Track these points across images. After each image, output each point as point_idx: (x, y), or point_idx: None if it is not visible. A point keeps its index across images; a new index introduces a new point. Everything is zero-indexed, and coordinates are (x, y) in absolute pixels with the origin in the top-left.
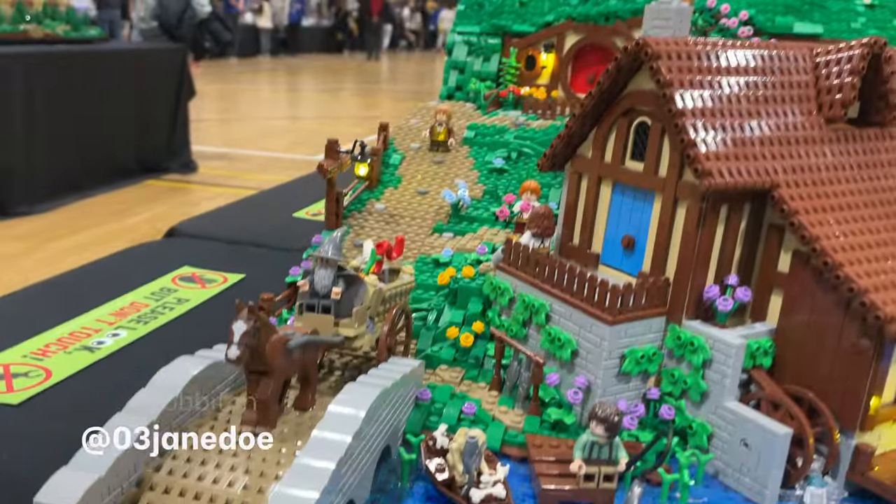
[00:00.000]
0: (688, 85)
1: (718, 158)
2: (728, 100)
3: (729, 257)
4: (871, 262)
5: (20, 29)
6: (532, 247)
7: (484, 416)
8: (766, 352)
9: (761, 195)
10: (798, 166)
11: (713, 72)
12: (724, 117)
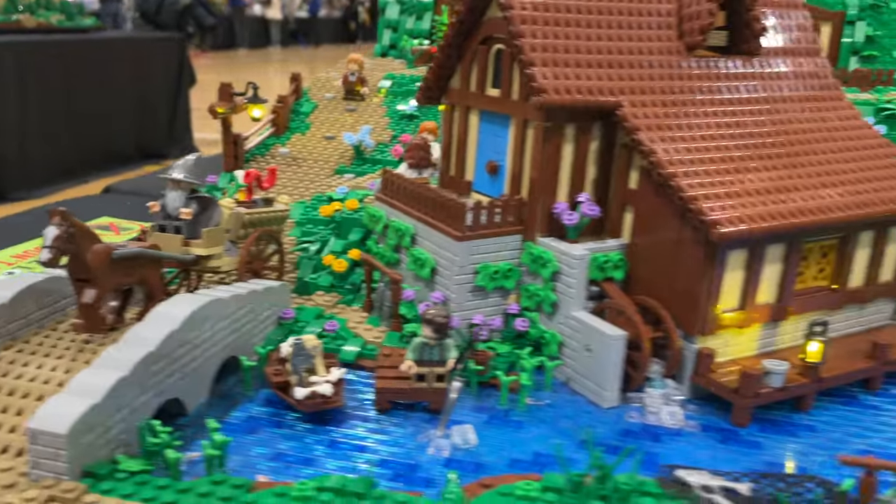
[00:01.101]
0: (531, 8)
1: (557, 77)
2: (577, 24)
3: (581, 176)
4: (709, 175)
5: (12, 19)
6: (409, 176)
7: (346, 332)
8: (617, 265)
9: (611, 116)
10: (647, 88)
11: None
12: (570, 39)
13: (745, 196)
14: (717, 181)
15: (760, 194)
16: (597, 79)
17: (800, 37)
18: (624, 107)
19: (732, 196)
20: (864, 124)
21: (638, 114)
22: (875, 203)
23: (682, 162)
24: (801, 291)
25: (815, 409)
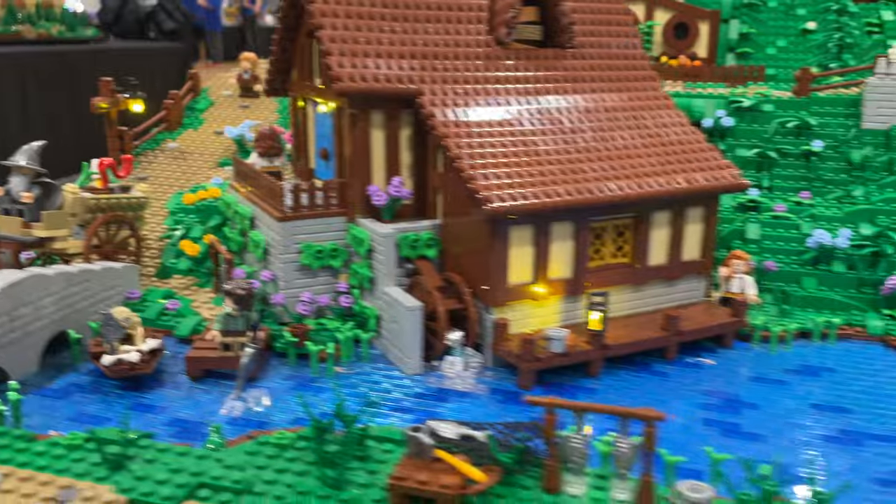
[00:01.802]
0: (333, 2)
1: (355, 67)
2: (382, 17)
3: (396, 161)
4: (496, 157)
5: (12, 30)
6: (260, 165)
7: (186, 311)
8: (429, 243)
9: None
10: (451, 78)
11: None
12: (373, 31)
13: (528, 177)
14: (503, 162)
15: (543, 175)
16: (398, 69)
17: (618, 31)
18: (424, 94)
19: (513, 176)
20: (676, 114)
21: (437, 101)
22: (658, 185)
23: (472, 146)
24: (601, 268)
25: (604, 375)
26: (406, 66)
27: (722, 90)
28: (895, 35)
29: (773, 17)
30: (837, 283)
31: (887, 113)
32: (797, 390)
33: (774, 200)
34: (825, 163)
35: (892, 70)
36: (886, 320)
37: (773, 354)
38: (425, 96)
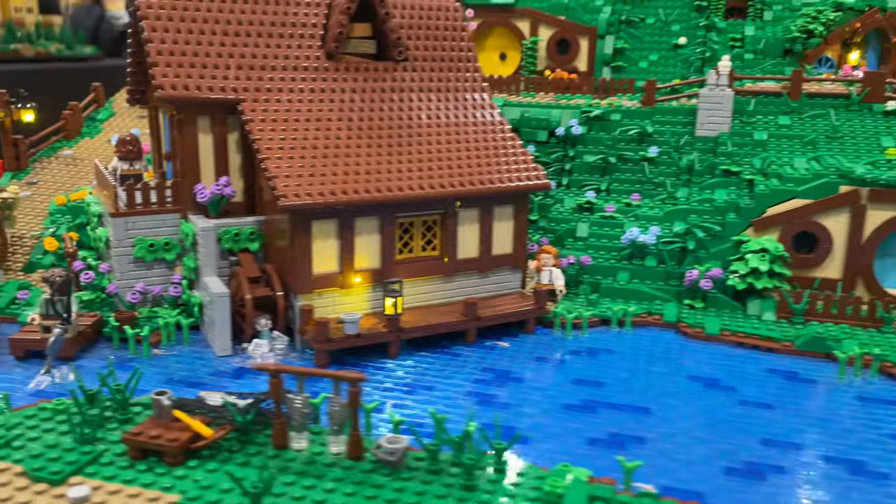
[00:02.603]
0: (165, 18)
1: (178, 77)
2: (213, 32)
3: (225, 162)
4: (305, 158)
5: (11, 48)
6: (121, 169)
7: (34, 300)
8: (251, 238)
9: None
10: (276, 87)
11: (198, 12)
12: (202, 45)
13: (331, 175)
14: (309, 163)
15: (347, 174)
16: (222, 78)
17: (452, 45)
18: (245, 102)
19: (316, 175)
20: (499, 121)
21: (257, 108)
22: (461, 185)
23: (283, 148)
24: (411, 260)
25: (404, 355)
26: (232, 76)
27: (580, 101)
28: (758, 47)
29: (649, 34)
30: (648, 276)
31: (716, 122)
32: (568, 368)
33: (608, 202)
34: (659, 167)
35: (722, 82)
36: (684, 309)
37: (568, 339)
38: (246, 103)
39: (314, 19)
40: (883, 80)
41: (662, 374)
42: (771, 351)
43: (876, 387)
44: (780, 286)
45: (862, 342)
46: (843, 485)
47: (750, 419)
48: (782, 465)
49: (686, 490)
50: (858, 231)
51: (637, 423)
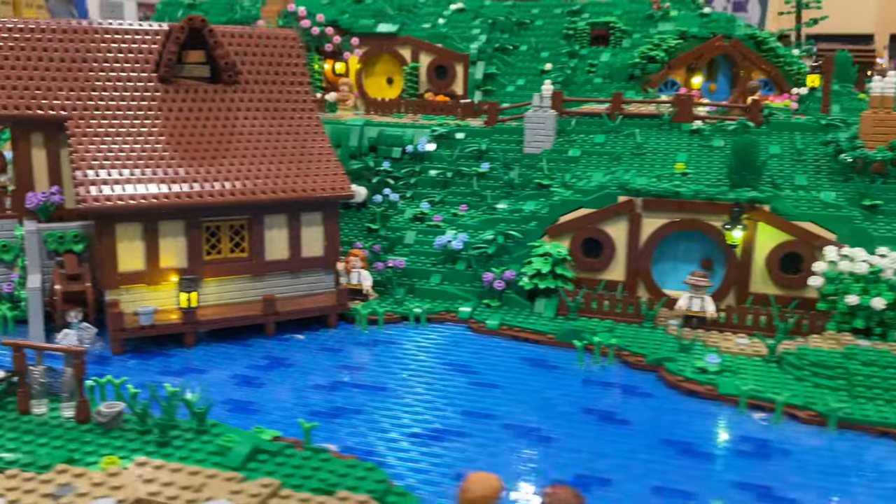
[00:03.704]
0: (7, 48)
1: (11, 97)
2: (50, 59)
3: (58, 173)
4: (117, 168)
5: None
6: None
7: None
8: (75, 240)
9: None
10: (102, 107)
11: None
12: (38, 70)
13: (136, 183)
14: (118, 172)
15: (153, 182)
16: (53, 98)
17: (286, 69)
18: (72, 120)
19: (121, 182)
20: (321, 137)
21: (82, 125)
22: (262, 192)
23: (97, 158)
24: (219, 260)
25: (201, 346)
26: (62, 96)
27: (430, 121)
28: (607, 72)
29: (521, 60)
30: (457, 278)
31: (540, 140)
32: (343, 356)
33: (439, 212)
34: (489, 181)
35: (545, 104)
36: (482, 307)
37: (364, 333)
38: (72, 121)
39: (151, 47)
40: (690, 102)
41: (423, 360)
42: (537, 343)
43: (606, 372)
44: (563, 286)
45: (616, 335)
46: (505, 446)
47: (470, 396)
48: (464, 431)
49: (364, 450)
50: (636, 237)
51: (366, 398)
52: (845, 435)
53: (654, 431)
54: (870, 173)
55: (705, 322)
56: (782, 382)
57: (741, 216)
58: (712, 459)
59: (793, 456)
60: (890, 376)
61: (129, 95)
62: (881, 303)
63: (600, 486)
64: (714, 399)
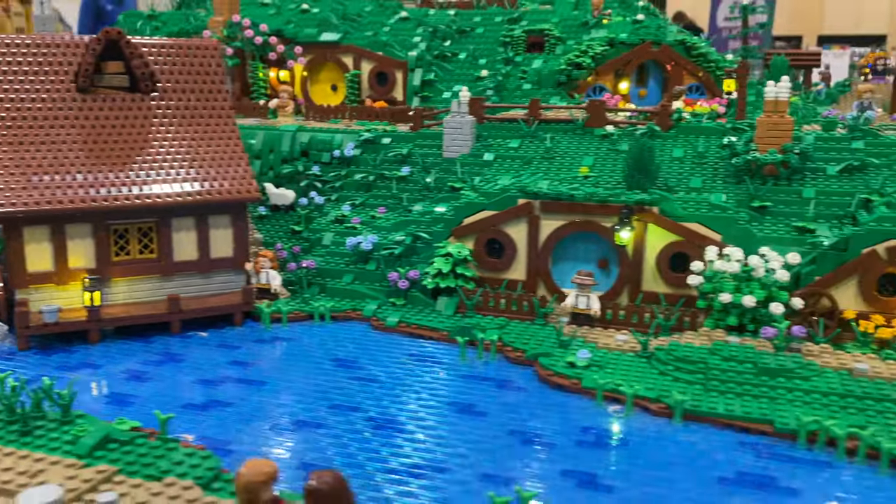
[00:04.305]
0: None
1: None
2: None
3: None
4: (24, 175)
5: None
6: None
7: None
8: None
9: None
10: (18, 116)
11: None
12: None
13: (43, 189)
14: (27, 178)
15: (60, 188)
16: None
17: (205, 78)
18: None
19: (29, 188)
20: (234, 143)
21: (5, 132)
22: (167, 196)
23: (8, 165)
24: (128, 261)
25: (106, 342)
26: None
27: (359, 127)
28: (536, 78)
29: (459, 67)
30: (368, 277)
31: (459, 145)
32: (236, 353)
33: (359, 215)
34: (409, 185)
35: (462, 110)
36: (386, 305)
37: (267, 330)
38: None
39: (70, 59)
40: (602, 107)
41: (313, 356)
42: (431, 339)
43: (486, 367)
44: (463, 285)
45: (506, 331)
46: (359, 437)
47: (346, 390)
48: (325, 423)
49: (221, 440)
50: (535, 238)
51: (243, 392)
52: (690, 427)
53: (507, 423)
54: (762, 176)
55: (590, 319)
56: (645, 376)
57: (629, 218)
58: (552, 449)
59: (630, 446)
60: (745, 371)
61: (46, 105)
62: (752, 300)
63: (436, 472)
64: (577, 392)
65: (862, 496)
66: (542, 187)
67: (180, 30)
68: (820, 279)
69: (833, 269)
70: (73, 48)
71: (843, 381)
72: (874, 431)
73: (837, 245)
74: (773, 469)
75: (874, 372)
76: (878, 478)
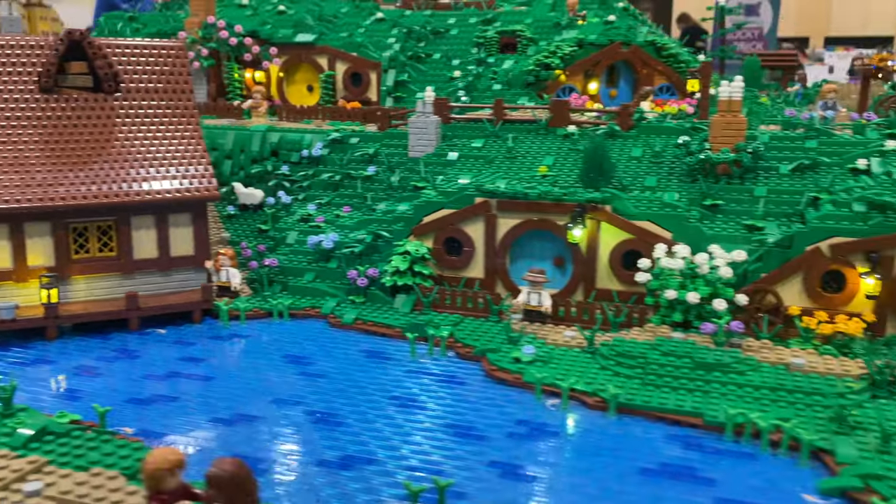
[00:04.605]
0: None
1: None
2: None
3: None
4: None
5: None
6: None
7: None
8: None
9: None
10: None
11: None
12: None
13: (3, 187)
14: None
15: (18, 186)
16: None
17: (169, 79)
18: None
19: None
20: (197, 142)
21: None
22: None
23: None
24: (88, 259)
25: (64, 338)
26: None
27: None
28: (505, 78)
29: (433, 68)
30: (329, 276)
31: (424, 145)
32: (191, 350)
33: (324, 214)
34: (374, 184)
35: (426, 111)
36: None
37: (226, 328)
38: None
39: (34, 59)
40: (565, 108)
41: (267, 352)
42: (385, 336)
43: (436, 363)
44: (421, 283)
45: (460, 328)
46: (294, 429)
47: (292, 385)
48: (265, 416)
49: (159, 433)
50: (493, 236)
51: (191, 387)
52: (624, 420)
53: (445, 416)
54: (716, 175)
55: (542, 315)
56: (587, 371)
57: (581, 216)
58: (483, 441)
59: (560, 437)
60: (682, 366)
61: (8, 106)
62: (696, 297)
63: (365, 464)
64: (519, 387)
65: (773, 485)
66: (500, 186)
67: (158, 31)
68: (765, 276)
69: (778, 266)
70: (38, 49)
71: (778, 376)
72: (796, 423)
73: (782, 242)
74: (696, 460)
75: (810, 367)
76: (797, 468)
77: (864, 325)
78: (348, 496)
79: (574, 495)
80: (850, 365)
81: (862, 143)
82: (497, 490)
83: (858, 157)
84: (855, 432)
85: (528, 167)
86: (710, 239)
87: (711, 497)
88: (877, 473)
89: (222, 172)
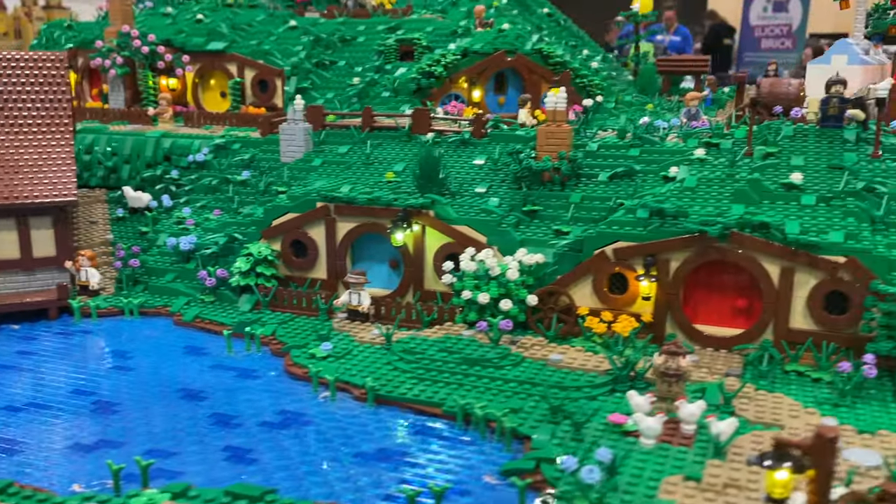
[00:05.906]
0: None
1: None
2: None
3: None
4: None
5: None
6: None
7: None
8: None
9: None
10: None
11: None
12: None
13: None
14: None
15: None
16: None
17: (45, 88)
18: None
19: None
20: (65, 151)
21: None
22: None
23: None
24: None
25: None
26: None
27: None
28: (394, 86)
29: (337, 75)
30: (188, 276)
31: (293, 151)
32: (31, 344)
33: (195, 217)
34: (248, 188)
35: (297, 117)
36: (195, 302)
37: (77, 324)
38: None
39: None
40: (426, 114)
41: (96, 346)
42: (214, 332)
43: (245, 358)
44: (264, 283)
45: (286, 326)
46: (74, 417)
47: (97, 377)
48: (51, 405)
49: None
50: (333, 239)
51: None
52: (379, 409)
53: (216, 406)
54: (540, 181)
55: (360, 315)
56: (374, 366)
57: (404, 220)
58: (235, 428)
59: (308, 425)
60: (452, 361)
61: None
62: (486, 297)
63: (111, 448)
64: (306, 380)
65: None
66: (344, 191)
67: (94, 38)
68: (560, 278)
69: (572, 268)
70: None
71: (533, 371)
72: (506, 412)
73: (574, 246)
74: (414, 445)
75: (566, 362)
76: (501, 454)
77: (637, 326)
78: (86, 476)
79: (282, 474)
80: (604, 362)
81: (680, 152)
82: (217, 470)
83: (671, 166)
84: (566, 422)
85: (382, 173)
86: (520, 243)
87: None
88: (548, 456)
89: (121, 177)
